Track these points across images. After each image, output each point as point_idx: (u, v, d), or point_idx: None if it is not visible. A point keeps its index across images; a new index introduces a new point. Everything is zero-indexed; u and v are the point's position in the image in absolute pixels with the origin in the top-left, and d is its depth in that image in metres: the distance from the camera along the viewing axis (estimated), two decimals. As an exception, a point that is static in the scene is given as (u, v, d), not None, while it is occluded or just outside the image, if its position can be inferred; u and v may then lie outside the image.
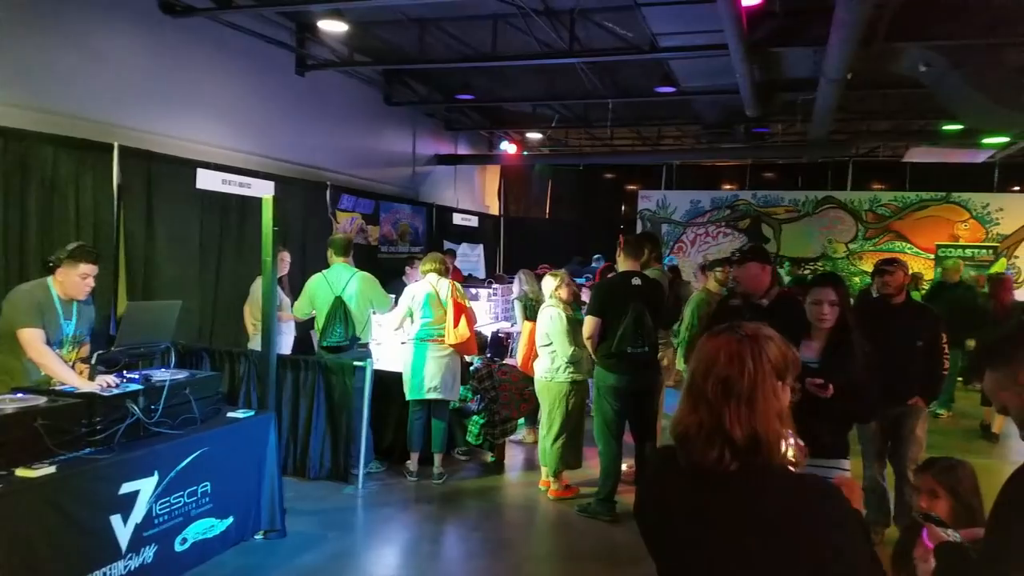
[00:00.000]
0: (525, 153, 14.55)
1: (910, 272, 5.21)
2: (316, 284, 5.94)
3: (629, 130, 13.96)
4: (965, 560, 1.65)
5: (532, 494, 5.80)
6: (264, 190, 7.75)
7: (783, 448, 1.58)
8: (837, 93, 8.20)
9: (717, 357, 1.60)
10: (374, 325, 6.26)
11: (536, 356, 5.78)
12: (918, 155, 12.51)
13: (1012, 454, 7.31)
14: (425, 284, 5.87)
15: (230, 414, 4.47)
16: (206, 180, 7.36)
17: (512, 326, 7.09)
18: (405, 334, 5.95)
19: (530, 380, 6.07)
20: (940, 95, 8.43)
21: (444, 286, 5.84)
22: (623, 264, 5.35)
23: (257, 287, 6.32)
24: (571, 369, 5.52)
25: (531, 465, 6.55)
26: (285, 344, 6.46)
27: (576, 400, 5.58)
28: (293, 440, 5.76)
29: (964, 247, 12.18)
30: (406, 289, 5.99)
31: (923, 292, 10.64)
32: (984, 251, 12.01)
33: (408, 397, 5.82)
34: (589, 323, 5.22)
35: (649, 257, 5.77)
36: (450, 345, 5.77)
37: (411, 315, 5.85)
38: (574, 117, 12.83)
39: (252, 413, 4.59)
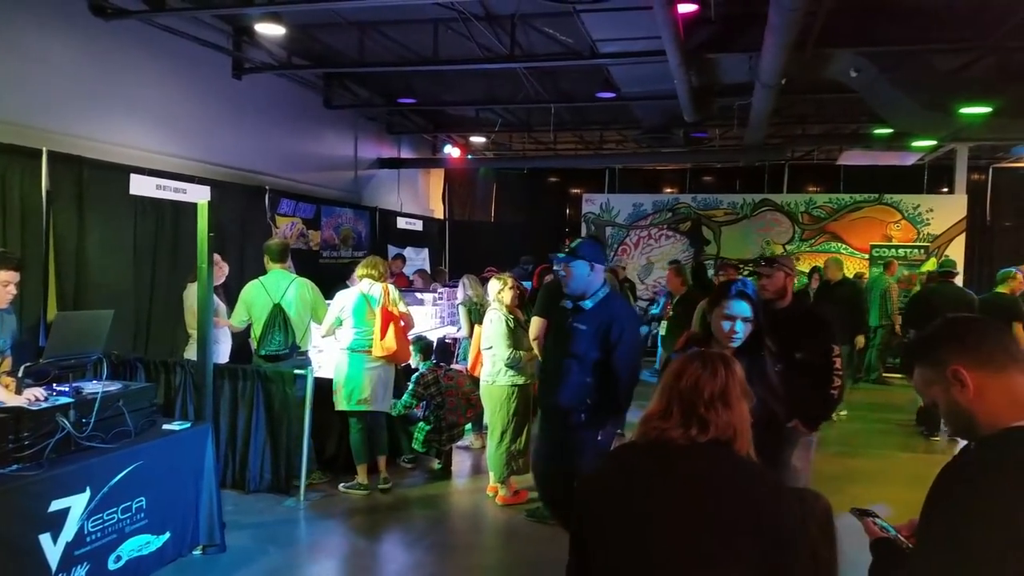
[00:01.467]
0: (469, 157, 14.53)
1: (795, 272, 4.66)
2: (253, 291, 5.81)
3: (572, 134, 14.07)
4: (896, 555, 1.70)
5: (480, 500, 5.78)
6: (200, 195, 7.58)
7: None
8: (772, 98, 8.40)
9: (690, 366, 1.80)
10: (316, 332, 6.15)
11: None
12: (851, 158, 12.91)
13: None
14: (356, 291, 5.76)
15: (166, 426, 4.35)
16: (140, 186, 7.16)
17: (458, 331, 7.06)
18: (338, 341, 5.84)
19: (477, 385, 6.05)
20: (871, 100, 8.71)
21: (376, 292, 5.75)
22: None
23: (190, 294, 6.17)
24: (512, 373, 5.52)
25: (479, 471, 6.53)
26: (222, 353, 6.31)
27: (519, 404, 5.57)
28: (232, 452, 5.62)
29: (897, 247, 12.59)
30: (337, 295, 5.84)
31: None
32: (916, 251, 12.43)
33: (337, 408, 5.72)
34: (535, 324, 5.25)
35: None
36: (377, 357, 5.68)
37: (340, 323, 5.73)
38: (517, 121, 12.88)
39: (188, 425, 4.48)
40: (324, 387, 5.82)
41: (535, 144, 14.99)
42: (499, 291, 5.68)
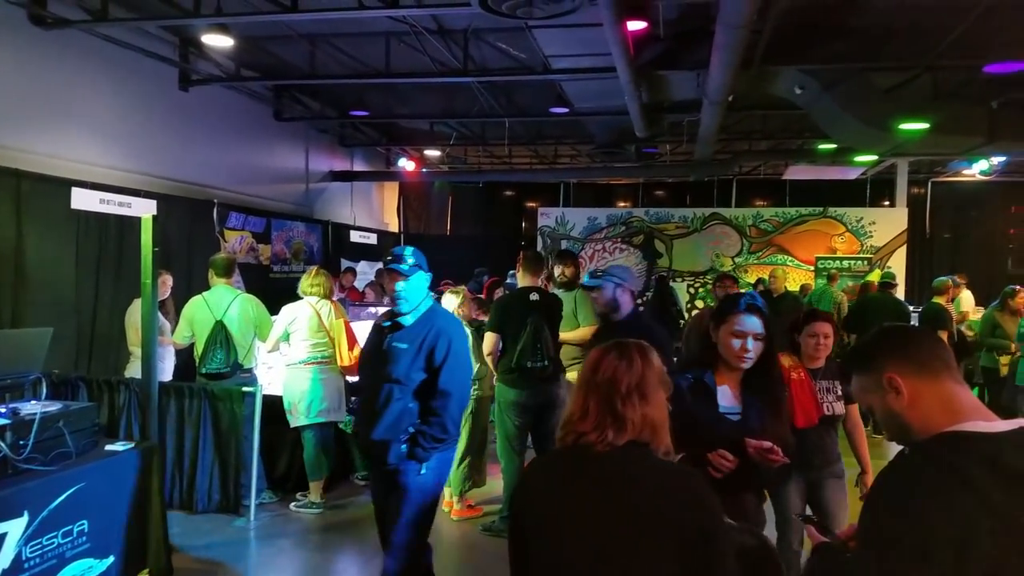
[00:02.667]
0: (424, 170, 14.50)
1: (631, 283, 4.43)
2: (195, 307, 5.68)
3: (526, 148, 14.15)
4: (836, 557, 1.74)
5: (437, 516, 5.71)
6: (146, 209, 7.41)
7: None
8: (720, 114, 8.57)
9: (606, 358, 1.80)
10: (261, 349, 6.02)
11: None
12: (796, 172, 13.26)
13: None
14: (305, 305, 5.68)
15: (109, 447, 4.21)
16: (82, 200, 6.98)
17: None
18: (284, 356, 5.74)
19: None
20: (814, 116, 8.95)
21: (326, 307, 5.68)
22: (523, 280, 5.38)
23: (134, 311, 6.02)
24: (474, 386, 5.50)
25: (432, 486, 6.47)
26: (165, 371, 6.16)
27: (479, 418, 5.56)
28: (179, 472, 5.47)
29: (841, 259, 12.94)
30: (284, 309, 5.73)
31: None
32: (860, 262, 12.79)
33: (294, 424, 5.63)
34: (489, 339, 5.24)
35: (567, 277, 5.72)
36: (342, 367, 5.62)
37: (287, 337, 5.65)
38: (472, 135, 12.90)
39: (133, 445, 4.34)
40: (273, 405, 5.71)
41: (490, 158, 15.04)
42: (458, 305, 5.66)
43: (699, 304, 13.95)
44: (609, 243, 14.41)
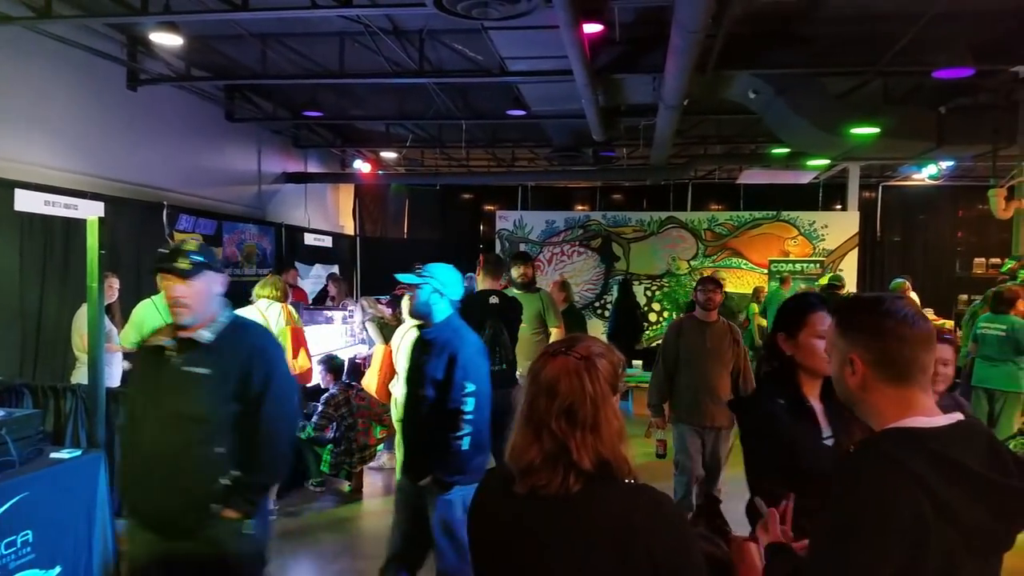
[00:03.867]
0: (380, 172, 14.37)
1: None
2: (145, 311, 5.53)
3: (484, 151, 14.13)
4: (788, 554, 1.75)
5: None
6: (93, 211, 7.21)
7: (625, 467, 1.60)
8: (675, 119, 8.65)
9: (558, 385, 1.57)
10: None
11: (391, 380, 5.66)
12: (750, 177, 13.48)
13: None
14: (252, 311, 5.56)
15: (54, 455, 4.08)
16: (26, 202, 6.76)
17: (370, 349, 6.94)
18: None
19: (388, 405, 5.94)
20: (768, 120, 9.10)
21: (275, 313, 5.58)
22: (482, 283, 5.37)
23: (80, 315, 5.84)
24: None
25: (391, 492, 6.40)
26: (113, 376, 5.98)
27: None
28: (128, 480, 5.31)
29: (794, 262, 13.15)
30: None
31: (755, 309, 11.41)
32: (812, 265, 13.01)
33: None
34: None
35: (534, 275, 5.89)
36: None
37: None
38: (429, 137, 12.83)
39: (80, 452, 4.21)
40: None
41: (448, 160, 14.98)
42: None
43: (655, 307, 14.07)
44: (567, 246, 14.47)
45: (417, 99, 10.18)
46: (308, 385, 6.14)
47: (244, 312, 5.52)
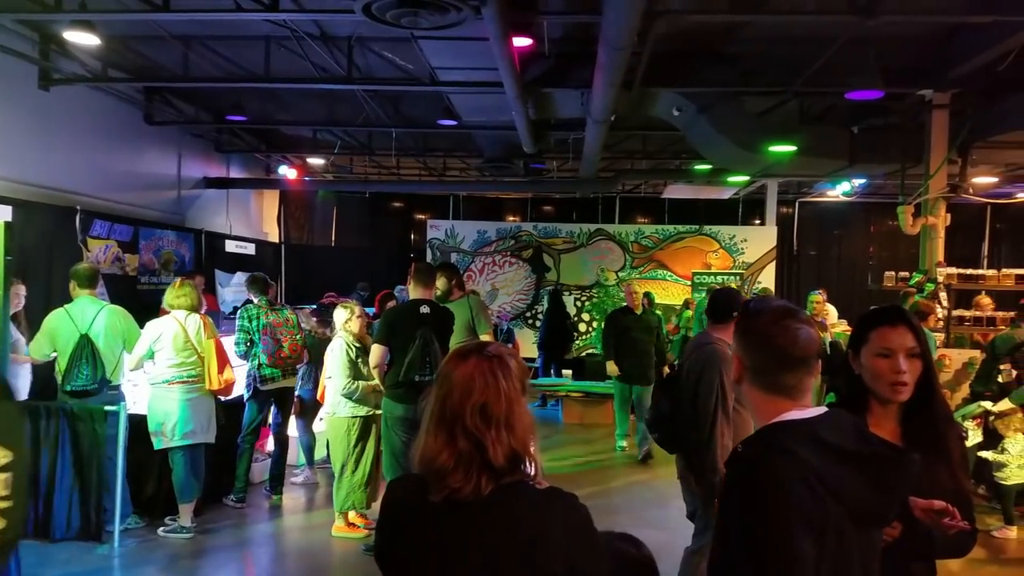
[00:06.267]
0: (307, 179, 14.10)
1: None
2: (57, 321, 5.27)
3: (415, 160, 14.05)
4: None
5: (317, 537, 5.54)
6: (-2, 215, 6.85)
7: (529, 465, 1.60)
8: (603, 133, 8.80)
9: (472, 383, 1.57)
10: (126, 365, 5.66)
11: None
12: (675, 192, 13.82)
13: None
14: (171, 321, 5.38)
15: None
16: (-77, 203, 6.38)
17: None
18: (148, 375, 5.44)
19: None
20: (691, 137, 9.33)
21: (194, 323, 5.42)
22: (413, 292, 5.33)
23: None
24: (352, 404, 5.37)
25: (314, 506, 6.28)
26: (20, 389, 5.68)
27: (360, 435, 5.42)
28: (34, 497, 5.01)
29: (716, 274, 13.50)
30: (149, 325, 5.41)
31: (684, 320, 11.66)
32: (733, 277, 13.38)
33: (157, 447, 5.32)
34: (375, 352, 5.14)
35: (451, 286, 5.86)
36: (211, 390, 5.36)
37: (152, 355, 5.34)
38: (358, 144, 12.66)
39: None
40: (139, 424, 5.38)
41: (377, 168, 14.84)
42: (346, 320, 5.52)
43: (585, 317, 14.23)
44: (499, 256, 14.52)
45: (346, 106, 10.05)
46: (231, 397, 5.98)
47: (160, 323, 5.34)
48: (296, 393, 6.66)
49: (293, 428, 6.72)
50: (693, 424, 3.69)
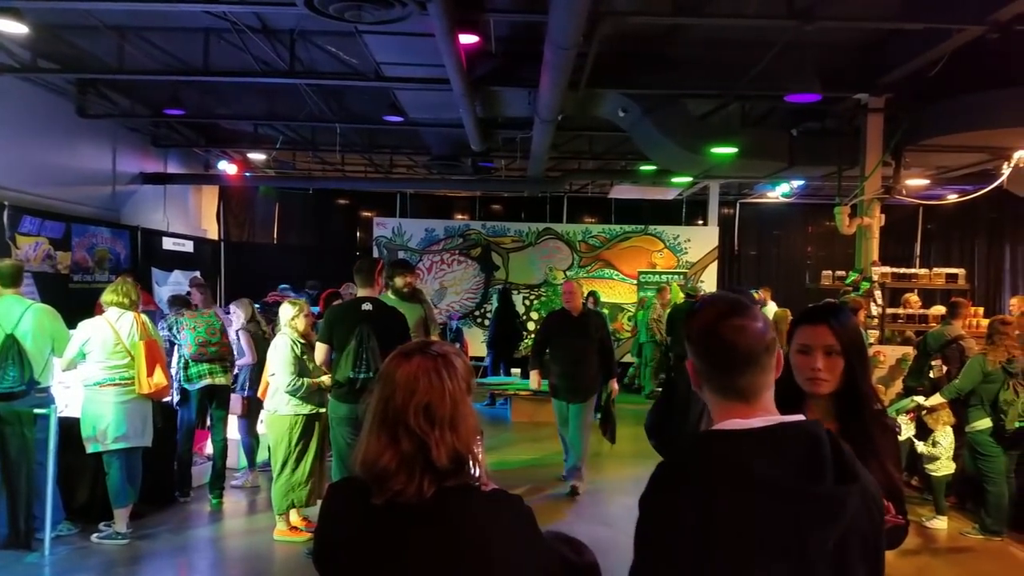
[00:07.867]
0: (247, 174, 13.78)
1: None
2: (-16, 321, 5.06)
3: (361, 156, 13.88)
4: None
5: (258, 541, 5.43)
6: (-82, 210, 6.53)
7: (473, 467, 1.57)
8: (550, 133, 8.84)
9: (416, 383, 1.53)
10: (57, 366, 5.45)
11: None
12: (621, 192, 13.98)
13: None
14: (101, 321, 5.22)
15: None
16: None
17: (240, 359, 6.61)
18: (80, 376, 5.27)
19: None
20: (636, 138, 9.44)
21: (127, 323, 5.25)
22: (359, 290, 5.29)
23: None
24: (295, 401, 5.28)
25: (255, 509, 6.15)
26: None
27: (301, 433, 5.32)
28: (-44, 506, 4.85)
29: (660, 273, 13.69)
30: (80, 325, 5.23)
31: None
32: (677, 277, 13.58)
33: (90, 450, 5.15)
34: (319, 350, 5.11)
35: (407, 283, 5.85)
36: (141, 394, 5.21)
37: (83, 356, 5.17)
38: (301, 139, 12.45)
39: None
40: (71, 427, 5.20)
41: (321, 164, 14.61)
42: (292, 317, 5.43)
43: (534, 315, 14.25)
44: (447, 255, 14.46)
45: (288, 100, 9.86)
46: (164, 401, 5.81)
47: (92, 323, 5.15)
48: (245, 395, 6.53)
49: (233, 430, 6.58)
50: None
